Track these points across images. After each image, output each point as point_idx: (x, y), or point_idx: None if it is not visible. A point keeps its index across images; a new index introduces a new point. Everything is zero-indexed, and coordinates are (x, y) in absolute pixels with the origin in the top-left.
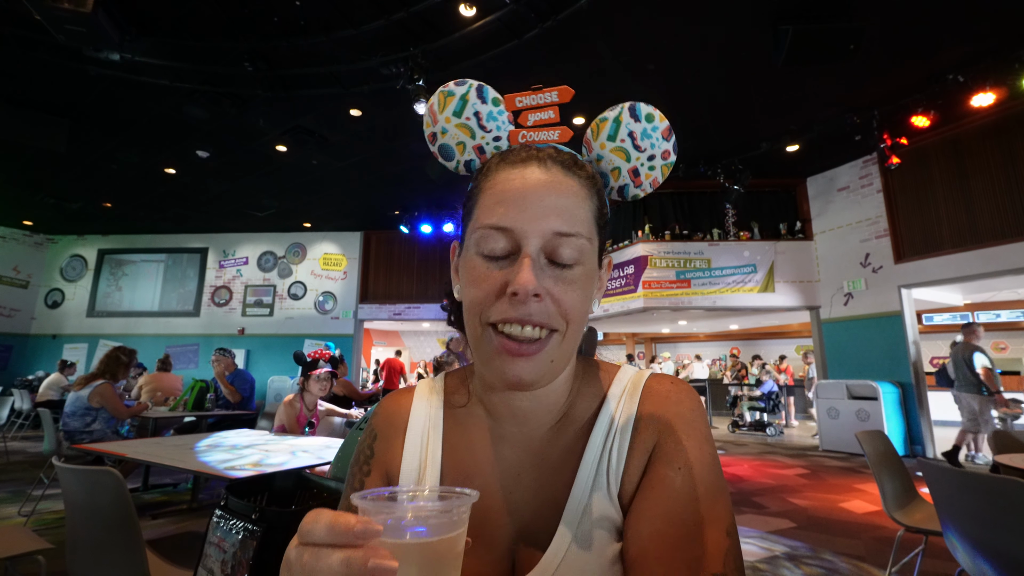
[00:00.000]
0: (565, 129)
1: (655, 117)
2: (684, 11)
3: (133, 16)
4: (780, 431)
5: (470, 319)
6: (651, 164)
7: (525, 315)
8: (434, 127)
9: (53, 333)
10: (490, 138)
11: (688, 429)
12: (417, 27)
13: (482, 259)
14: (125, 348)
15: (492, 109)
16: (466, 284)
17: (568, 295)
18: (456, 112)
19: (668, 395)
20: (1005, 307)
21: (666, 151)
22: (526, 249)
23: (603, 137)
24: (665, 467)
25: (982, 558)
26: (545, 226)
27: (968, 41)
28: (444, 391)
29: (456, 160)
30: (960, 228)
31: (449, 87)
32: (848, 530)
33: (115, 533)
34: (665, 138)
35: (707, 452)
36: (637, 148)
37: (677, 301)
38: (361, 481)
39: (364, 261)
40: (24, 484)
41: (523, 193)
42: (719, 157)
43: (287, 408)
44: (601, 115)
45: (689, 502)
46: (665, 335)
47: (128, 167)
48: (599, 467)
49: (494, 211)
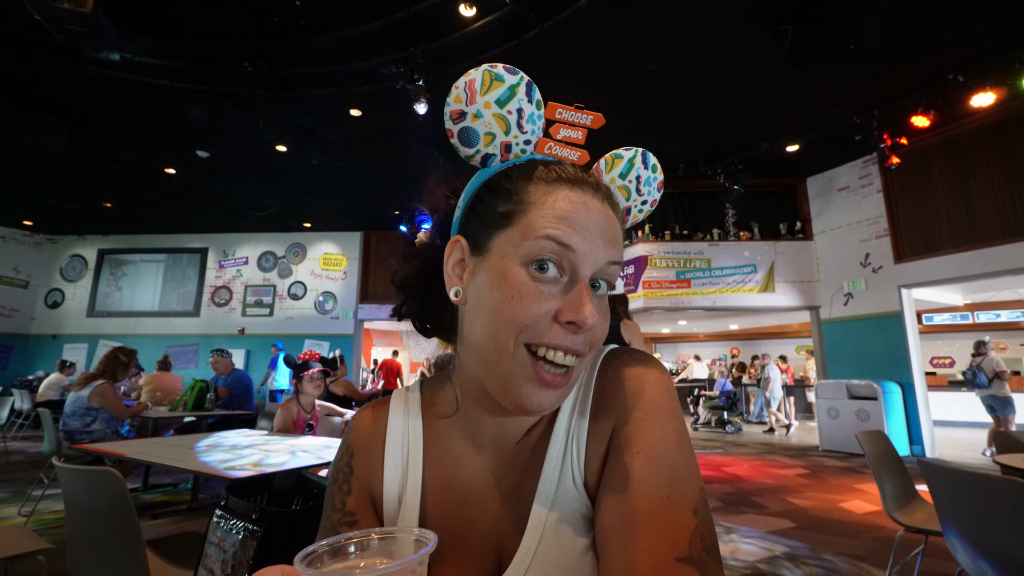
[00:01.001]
0: (585, 154)
1: (658, 168)
2: (684, 11)
3: (133, 16)
4: (739, 428)
5: (499, 335)
6: (642, 208)
7: (573, 344)
8: (467, 107)
9: (53, 333)
10: (522, 140)
11: (648, 407)
12: (417, 27)
13: (530, 274)
14: (125, 348)
15: (535, 112)
16: (507, 299)
17: (602, 323)
18: (500, 101)
19: (626, 372)
20: (1005, 307)
21: (655, 200)
22: (583, 275)
23: (615, 172)
24: (624, 452)
25: (982, 558)
26: (603, 255)
27: (968, 41)
28: (421, 401)
29: (477, 149)
30: (960, 228)
31: (499, 70)
32: (848, 530)
33: (115, 533)
34: (659, 189)
35: (670, 429)
36: (638, 192)
37: (677, 301)
38: (342, 500)
39: (364, 261)
40: (24, 484)
41: (588, 219)
42: (719, 157)
43: (283, 412)
44: (616, 151)
45: (651, 486)
46: (665, 335)
47: (128, 167)
48: (564, 458)
49: (558, 226)
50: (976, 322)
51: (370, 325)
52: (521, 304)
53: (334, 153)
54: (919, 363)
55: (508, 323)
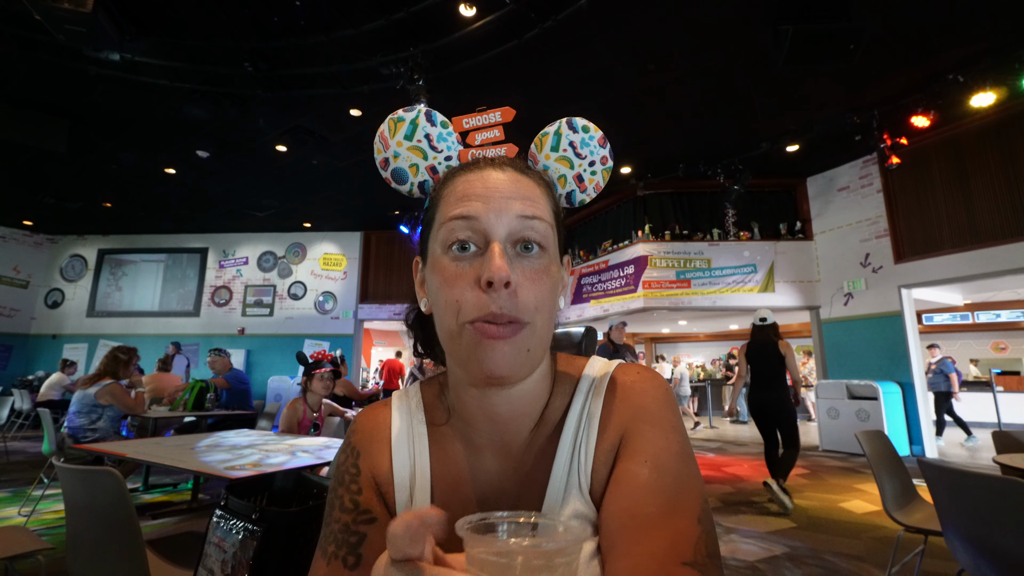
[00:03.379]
0: (511, 146)
1: (590, 128)
2: (684, 11)
3: (133, 16)
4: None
5: (446, 320)
6: (592, 169)
7: (497, 310)
8: (386, 152)
9: (53, 333)
10: (442, 158)
11: (653, 420)
12: (417, 27)
13: (451, 257)
14: (124, 347)
15: (441, 131)
16: (438, 287)
17: (536, 286)
18: (407, 136)
19: (633, 386)
20: (1005, 307)
21: (604, 157)
22: (494, 238)
23: (547, 149)
24: (630, 461)
25: (982, 558)
26: (510, 212)
27: (968, 41)
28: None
29: (410, 182)
30: (960, 228)
31: (398, 114)
32: (848, 530)
33: (115, 533)
34: (601, 145)
35: (674, 441)
36: (578, 156)
37: (677, 301)
38: (354, 501)
39: (364, 261)
40: (24, 484)
41: (485, 187)
42: (719, 157)
43: (289, 411)
44: (542, 131)
45: (655, 494)
46: (665, 335)
47: (128, 167)
48: (571, 466)
49: (459, 204)
50: (976, 322)
51: (370, 325)
52: (448, 286)
53: (334, 153)
54: (919, 363)
55: (446, 308)
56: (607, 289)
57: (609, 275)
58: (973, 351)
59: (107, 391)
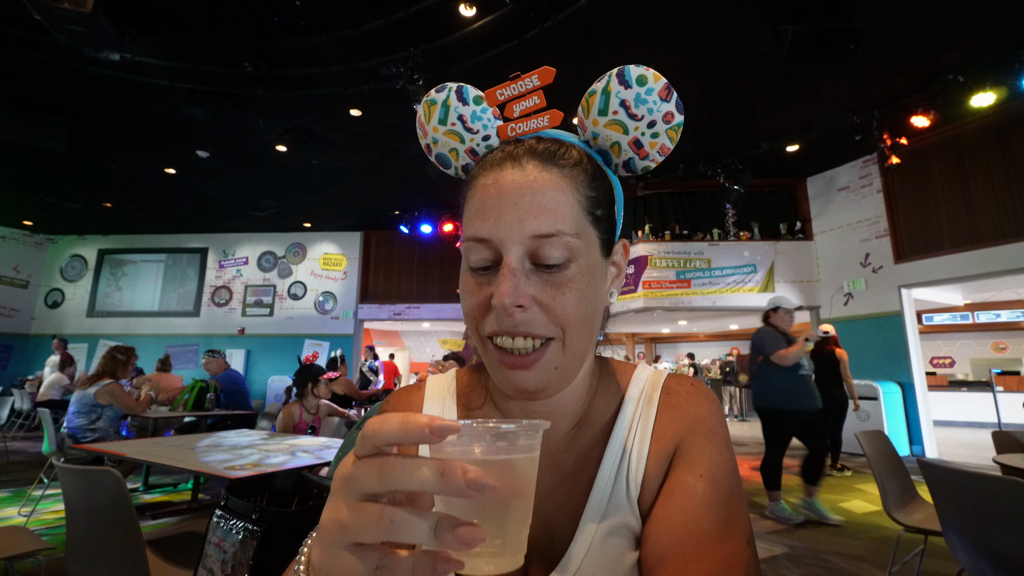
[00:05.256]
0: (555, 112)
1: (648, 79)
2: (684, 11)
3: (133, 16)
4: None
5: (470, 331)
6: (653, 131)
7: (511, 327)
8: (426, 139)
9: (53, 333)
10: (479, 139)
11: (709, 434)
12: (417, 27)
13: (470, 272)
14: (121, 347)
15: (475, 109)
16: (462, 297)
17: (559, 300)
18: (441, 120)
19: (688, 397)
20: (1005, 307)
21: (668, 113)
22: (507, 259)
23: (594, 113)
24: (686, 474)
25: (982, 558)
26: (522, 231)
27: (968, 41)
28: (457, 391)
29: (454, 167)
30: (960, 228)
31: (431, 96)
32: (848, 530)
33: (115, 533)
34: (664, 99)
35: (727, 458)
36: (633, 117)
37: (677, 301)
38: None
39: (364, 261)
40: (24, 484)
41: (498, 199)
42: (719, 157)
43: (284, 416)
44: (590, 88)
45: (710, 510)
46: (665, 335)
47: (128, 167)
48: (619, 473)
49: (474, 222)
50: (976, 322)
51: (370, 325)
52: (467, 299)
53: (334, 153)
54: (919, 363)
55: (469, 319)
56: None
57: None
58: (973, 351)
59: (107, 391)
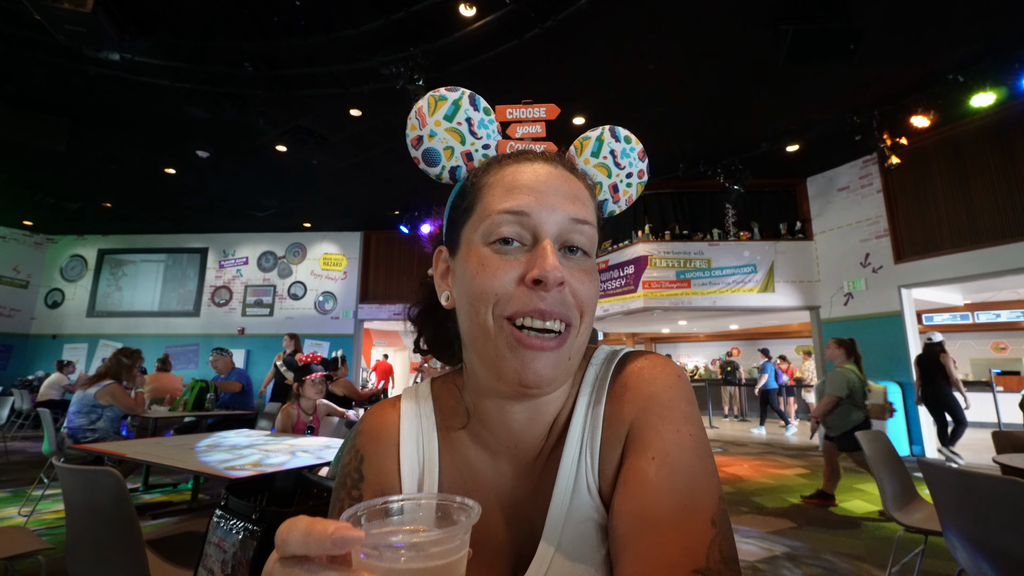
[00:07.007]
0: (551, 145)
1: (632, 139)
2: (684, 11)
3: (133, 16)
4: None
5: (478, 313)
6: (628, 181)
7: (548, 306)
8: (421, 130)
9: (53, 333)
10: (479, 145)
11: (663, 411)
12: (417, 27)
13: (493, 249)
14: (127, 349)
15: (484, 117)
16: (472, 276)
17: (584, 285)
18: (447, 116)
19: (640, 374)
20: (1005, 307)
21: (641, 170)
22: (544, 235)
23: (587, 153)
24: (638, 458)
25: (982, 558)
26: (562, 213)
27: (968, 41)
28: (433, 403)
29: (441, 166)
30: (960, 228)
31: (441, 92)
32: (848, 530)
33: (115, 533)
34: (640, 159)
35: (686, 434)
36: (617, 165)
37: (677, 301)
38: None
39: (364, 261)
40: (24, 484)
41: (537, 181)
42: (719, 157)
43: (283, 416)
44: (584, 134)
45: (663, 495)
46: (665, 335)
47: (128, 167)
48: (579, 465)
49: (507, 198)
50: (976, 322)
51: (370, 325)
52: (487, 275)
53: (334, 153)
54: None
55: (480, 297)
56: (607, 289)
57: (609, 275)
58: (973, 351)
59: (107, 391)
